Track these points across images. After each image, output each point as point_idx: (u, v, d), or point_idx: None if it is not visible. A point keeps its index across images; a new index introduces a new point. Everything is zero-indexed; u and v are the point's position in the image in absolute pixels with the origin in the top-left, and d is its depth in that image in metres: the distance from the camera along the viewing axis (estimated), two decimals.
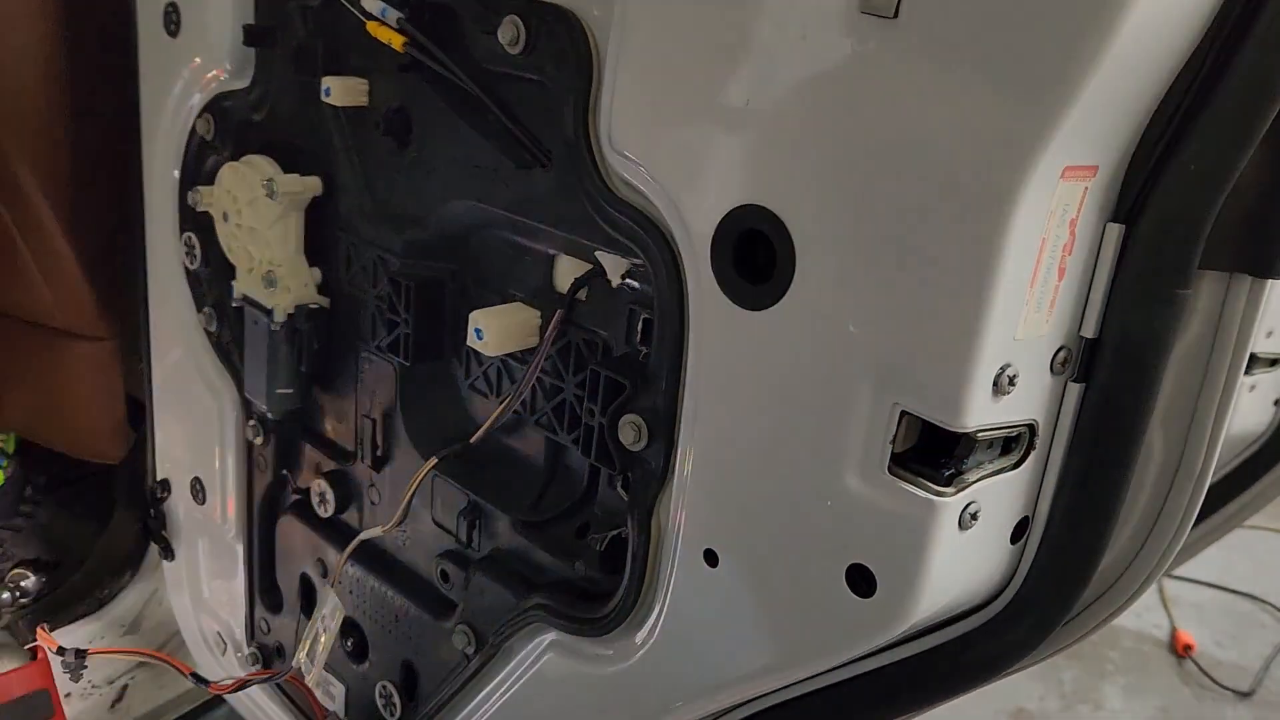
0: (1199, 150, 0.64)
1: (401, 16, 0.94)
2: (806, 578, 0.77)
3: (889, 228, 0.67)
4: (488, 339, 0.95)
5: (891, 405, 0.70)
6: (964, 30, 0.61)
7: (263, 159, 1.15)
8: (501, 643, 1.05)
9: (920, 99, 0.64)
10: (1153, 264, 0.68)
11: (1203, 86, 0.63)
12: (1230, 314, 0.72)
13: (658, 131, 0.79)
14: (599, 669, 0.97)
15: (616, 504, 0.97)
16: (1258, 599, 2.89)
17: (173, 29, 1.23)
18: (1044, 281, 0.66)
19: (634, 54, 0.79)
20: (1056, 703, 2.36)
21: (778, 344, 0.75)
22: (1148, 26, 0.58)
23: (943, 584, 0.73)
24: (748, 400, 0.78)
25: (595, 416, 0.91)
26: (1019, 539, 0.77)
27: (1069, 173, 0.63)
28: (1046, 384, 0.71)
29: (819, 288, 0.71)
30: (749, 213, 0.74)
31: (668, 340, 0.83)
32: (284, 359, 1.17)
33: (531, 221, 0.94)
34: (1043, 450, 0.74)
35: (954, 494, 0.70)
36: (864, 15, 0.65)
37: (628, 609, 0.91)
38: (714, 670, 0.87)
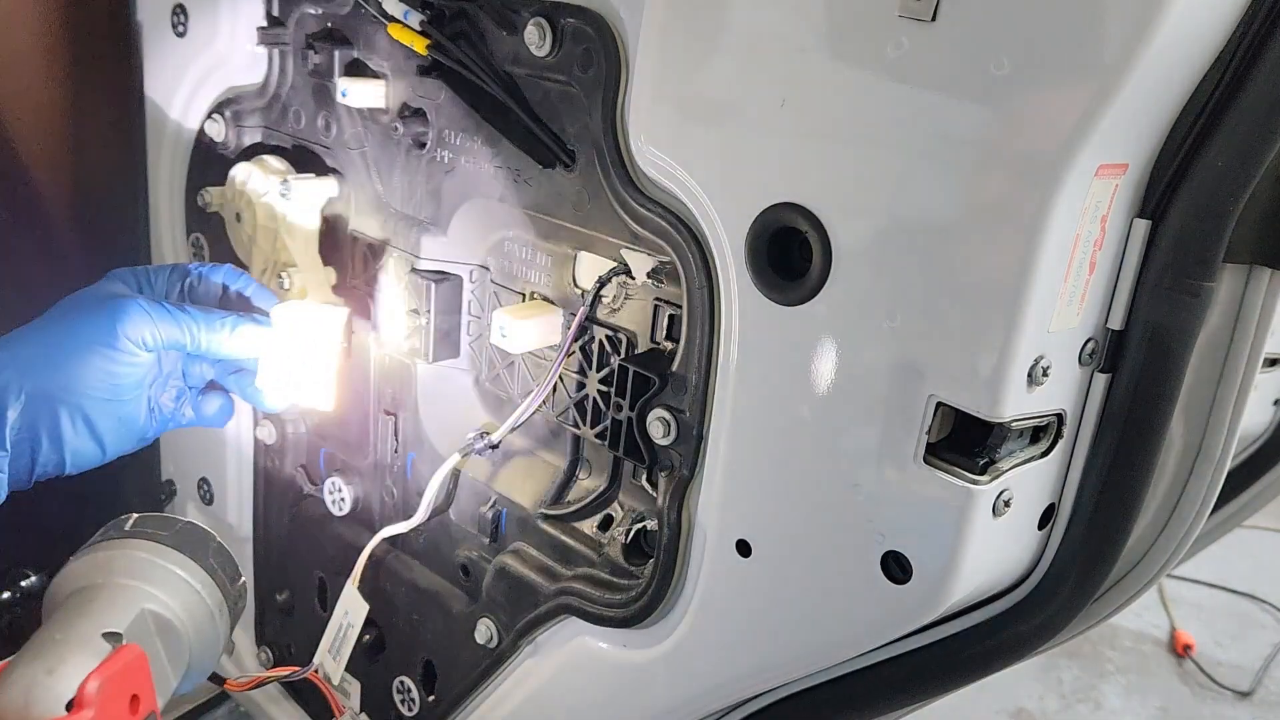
0: (1226, 146, 0.66)
1: (424, 19, 0.95)
2: (841, 566, 0.79)
3: (928, 226, 0.69)
4: (511, 337, 0.96)
5: (927, 396, 0.72)
6: (1003, 32, 0.63)
7: (276, 159, 1.16)
8: (525, 636, 1.06)
9: (959, 100, 0.66)
10: (1178, 258, 0.70)
11: (1231, 83, 0.65)
12: (1250, 306, 0.75)
13: (691, 131, 0.81)
14: (626, 661, 0.98)
15: (640, 496, 0.99)
16: (1257, 599, 2.92)
17: (180, 29, 1.23)
18: (1076, 276, 0.69)
19: (666, 54, 0.81)
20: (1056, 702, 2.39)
21: (813, 339, 0.77)
22: (1183, 25, 0.60)
23: (976, 569, 0.75)
24: (782, 393, 0.80)
25: (624, 411, 0.92)
26: (1045, 525, 0.80)
27: (1103, 170, 0.65)
28: (1075, 375, 0.74)
29: (856, 283, 0.74)
30: (785, 210, 0.76)
31: (697, 335, 0.85)
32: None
33: (554, 220, 0.96)
34: (1069, 439, 0.77)
35: (989, 482, 0.72)
36: (902, 18, 0.67)
37: (657, 601, 0.93)
38: (745, 659, 0.89)
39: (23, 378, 0.89)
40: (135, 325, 0.94)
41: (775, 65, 0.74)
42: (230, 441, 1.37)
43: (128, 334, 0.94)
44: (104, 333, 0.93)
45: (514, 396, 1.05)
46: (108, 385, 0.94)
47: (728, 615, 0.89)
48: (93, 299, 0.97)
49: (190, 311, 0.98)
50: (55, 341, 0.92)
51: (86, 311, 0.95)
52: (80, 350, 0.92)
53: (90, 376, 0.93)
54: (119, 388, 0.95)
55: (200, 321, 0.98)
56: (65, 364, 0.92)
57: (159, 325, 0.96)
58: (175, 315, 0.97)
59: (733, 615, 0.89)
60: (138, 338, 0.94)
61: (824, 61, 0.72)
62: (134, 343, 0.94)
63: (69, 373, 0.92)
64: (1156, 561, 0.84)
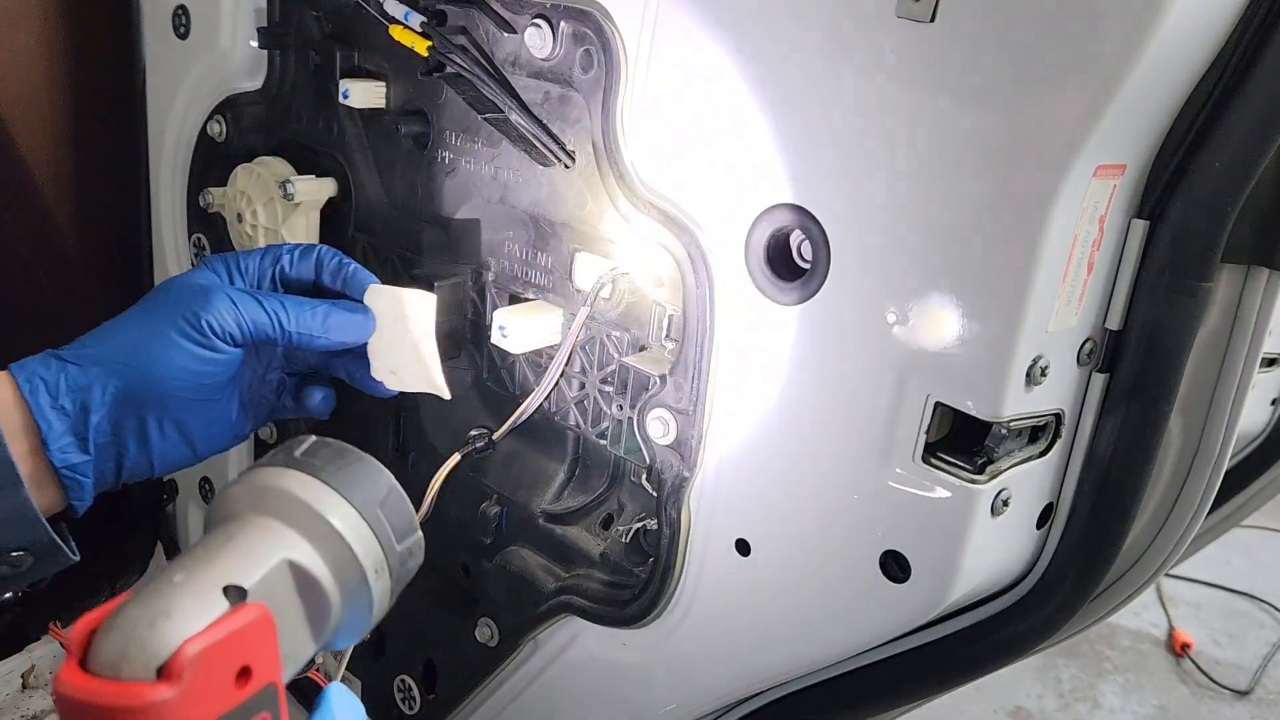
0: (1224, 147, 0.66)
1: (425, 21, 0.95)
2: (840, 565, 0.80)
3: (927, 227, 0.69)
4: (512, 337, 0.97)
5: (925, 396, 0.72)
6: (1001, 34, 0.64)
7: (277, 160, 1.16)
8: (525, 635, 1.06)
9: (958, 102, 0.66)
10: (1176, 258, 0.70)
11: (1229, 84, 0.66)
12: (1248, 306, 0.76)
13: (690, 132, 0.81)
14: (626, 660, 0.99)
15: (641, 495, 0.99)
16: (1255, 598, 2.91)
17: (182, 31, 1.24)
18: (1074, 276, 0.69)
19: (666, 55, 0.81)
20: (1054, 701, 2.38)
21: (811, 338, 0.77)
22: (1182, 26, 0.61)
23: (975, 568, 0.75)
24: (780, 393, 0.80)
25: (624, 411, 0.92)
26: (1044, 524, 0.80)
27: (1101, 171, 0.65)
28: (1073, 374, 0.74)
29: (854, 284, 0.74)
30: (783, 211, 0.76)
31: (696, 335, 0.85)
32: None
33: (554, 220, 0.96)
34: (1068, 438, 0.77)
35: (987, 481, 0.72)
36: (900, 19, 0.67)
37: (657, 600, 0.93)
38: (744, 658, 0.90)
39: (106, 378, 0.84)
40: (221, 319, 0.88)
41: (774, 66, 0.74)
42: None
43: (213, 329, 0.88)
44: (190, 329, 0.87)
45: (514, 396, 1.05)
46: (195, 385, 0.89)
47: (727, 615, 0.89)
48: (178, 291, 0.91)
49: (280, 300, 0.92)
50: (139, 339, 0.87)
51: (173, 306, 0.88)
52: (165, 348, 0.87)
53: (176, 376, 0.87)
54: (207, 386, 0.90)
55: (290, 311, 0.92)
56: (150, 364, 0.86)
57: (246, 317, 0.90)
58: (263, 305, 0.91)
59: (732, 615, 0.89)
60: (224, 332, 0.88)
61: (822, 62, 0.72)
62: (220, 338, 0.88)
63: (154, 373, 0.86)
64: (1154, 560, 0.84)
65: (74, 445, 0.83)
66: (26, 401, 0.82)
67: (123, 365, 0.86)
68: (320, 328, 0.93)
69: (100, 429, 0.85)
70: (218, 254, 0.99)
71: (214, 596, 0.62)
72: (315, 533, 0.69)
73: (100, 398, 0.84)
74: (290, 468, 0.72)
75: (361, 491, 0.73)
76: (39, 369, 0.84)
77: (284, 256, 0.98)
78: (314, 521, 0.70)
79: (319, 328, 0.93)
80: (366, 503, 0.73)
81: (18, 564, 0.80)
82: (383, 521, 0.73)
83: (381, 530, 0.73)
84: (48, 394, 0.83)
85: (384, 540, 0.73)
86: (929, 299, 0.70)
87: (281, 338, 0.92)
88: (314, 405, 1.03)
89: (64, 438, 0.83)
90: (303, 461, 0.72)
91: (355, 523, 0.71)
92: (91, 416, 0.84)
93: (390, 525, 0.74)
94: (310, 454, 0.73)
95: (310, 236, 1.15)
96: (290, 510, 0.70)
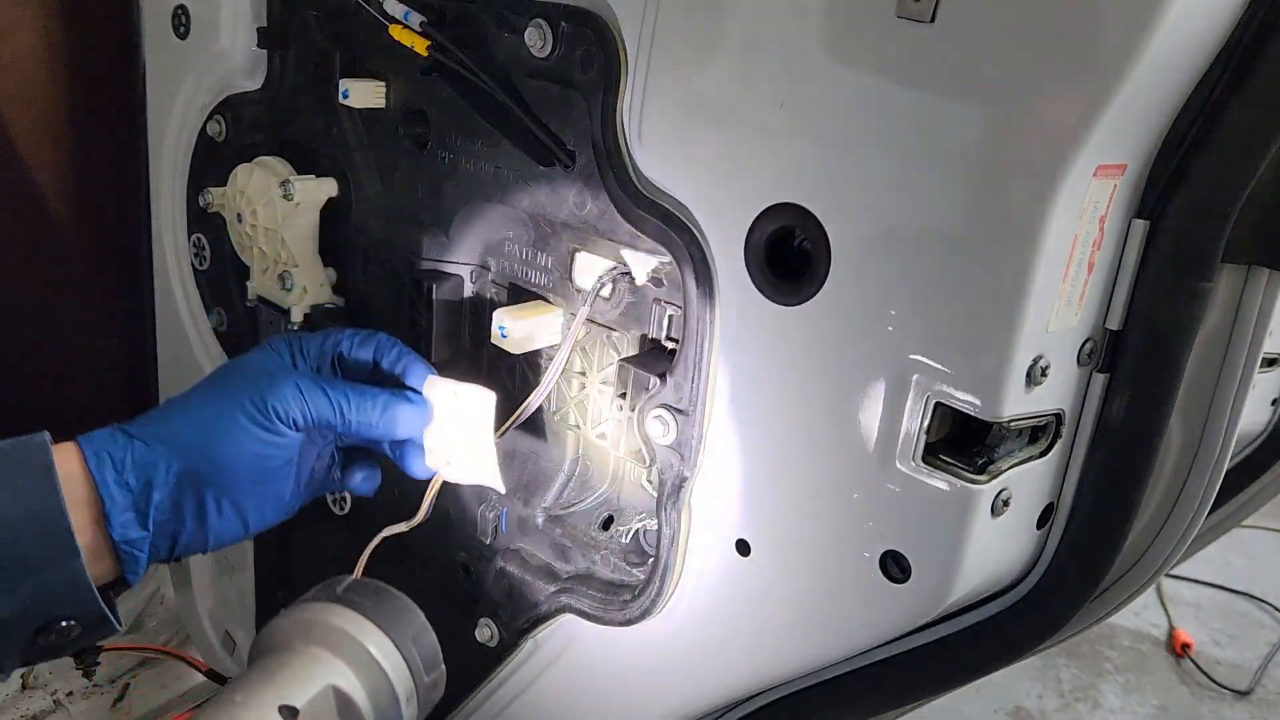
0: (1224, 147, 0.66)
1: (425, 21, 0.95)
2: (841, 565, 0.80)
3: (926, 226, 0.69)
4: (512, 337, 0.97)
5: (925, 396, 0.72)
6: (1001, 34, 0.64)
7: (277, 160, 1.17)
8: (525, 635, 1.06)
9: (958, 102, 0.66)
10: (1176, 258, 0.70)
11: (1229, 83, 0.65)
12: (1248, 306, 0.75)
13: (690, 132, 0.81)
14: (626, 660, 0.99)
15: (641, 495, 0.99)
16: (1255, 598, 2.92)
17: (182, 31, 1.24)
18: (1075, 276, 0.69)
19: (666, 55, 0.81)
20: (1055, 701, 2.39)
21: (811, 338, 0.77)
22: (1182, 26, 0.61)
23: (975, 568, 0.75)
24: (780, 393, 0.80)
25: (624, 411, 0.92)
26: (1044, 524, 0.80)
27: (1101, 171, 0.65)
28: (1074, 374, 0.74)
29: (855, 284, 0.74)
30: (784, 211, 0.76)
31: (696, 335, 0.85)
32: None
33: (554, 221, 0.96)
34: (1068, 438, 0.77)
35: (988, 481, 0.72)
36: (900, 19, 0.67)
37: (657, 600, 0.93)
38: (744, 658, 0.90)
39: (171, 458, 0.86)
40: (288, 405, 0.91)
41: (774, 66, 0.74)
42: None
43: (279, 415, 0.90)
44: (257, 413, 0.89)
45: (514, 396, 1.05)
46: (257, 466, 0.91)
47: (727, 615, 0.89)
48: (247, 373, 0.93)
49: (343, 389, 0.94)
50: (206, 420, 0.89)
51: (240, 389, 0.91)
52: (232, 431, 0.89)
53: (240, 459, 0.89)
54: (269, 470, 0.92)
55: (352, 400, 0.94)
56: (215, 446, 0.88)
57: (312, 404, 0.92)
58: (328, 393, 0.93)
59: (732, 615, 0.89)
60: (289, 418, 0.91)
61: (823, 63, 0.72)
62: (285, 424, 0.91)
63: (219, 455, 0.88)
64: (1155, 561, 0.84)
65: (134, 521, 0.85)
66: (93, 475, 0.83)
67: (188, 445, 0.87)
68: (379, 419, 0.95)
69: (161, 506, 0.86)
70: (280, 334, 1.02)
71: (270, 715, 0.72)
72: (357, 662, 0.79)
73: (164, 476, 0.86)
74: (336, 603, 0.81)
75: (397, 626, 0.82)
76: (107, 444, 0.85)
77: (344, 342, 1.01)
78: (356, 651, 0.79)
79: (378, 419, 0.95)
80: (401, 637, 0.82)
81: (66, 633, 0.81)
82: (414, 654, 0.83)
83: (414, 662, 0.82)
84: (114, 469, 0.84)
85: (415, 671, 0.82)
86: (929, 299, 0.70)
87: (342, 425, 0.95)
88: (355, 485, 1.04)
89: (125, 513, 0.84)
90: (345, 598, 0.82)
91: (391, 653, 0.80)
92: (154, 494, 0.85)
93: (421, 658, 0.83)
94: (352, 590, 0.83)
95: (310, 237, 1.15)
96: (336, 641, 0.79)
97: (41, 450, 0.81)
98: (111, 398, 1.53)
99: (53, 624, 0.80)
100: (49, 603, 0.79)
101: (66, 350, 1.49)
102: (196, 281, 1.35)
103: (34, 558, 0.78)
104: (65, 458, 0.83)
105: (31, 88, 1.34)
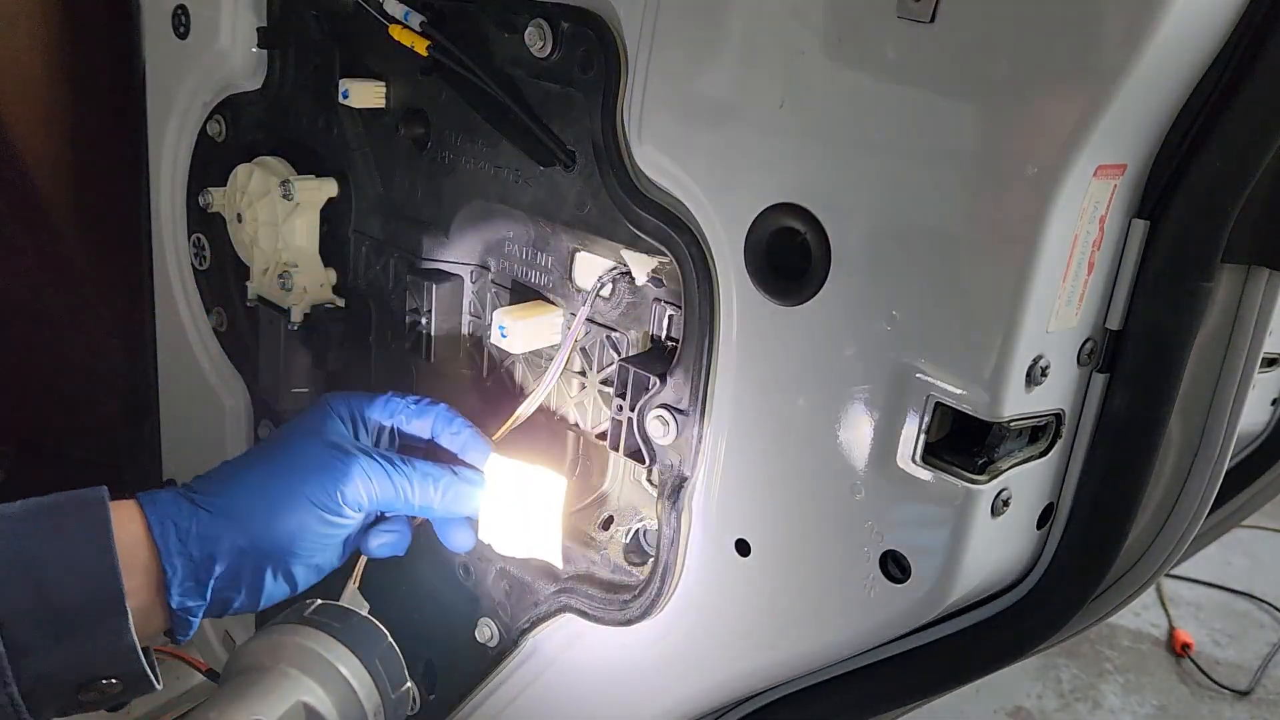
0: (1224, 147, 0.66)
1: (425, 20, 0.95)
2: (841, 565, 0.80)
3: (926, 226, 0.69)
4: (512, 337, 0.97)
5: (925, 396, 0.72)
6: (1002, 34, 0.64)
7: (277, 160, 1.17)
8: (525, 635, 1.06)
9: (958, 102, 0.66)
10: (1176, 258, 0.70)
11: (1229, 83, 0.65)
12: (1248, 306, 0.75)
13: (690, 132, 0.81)
14: (626, 660, 0.99)
15: (641, 496, 0.99)
16: (1255, 598, 2.92)
17: (182, 31, 1.24)
18: (1075, 276, 0.69)
19: (666, 55, 0.81)
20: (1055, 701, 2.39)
21: (812, 338, 0.77)
22: (1182, 26, 0.61)
23: (975, 569, 0.75)
24: (780, 393, 0.80)
25: (624, 411, 0.92)
26: (1044, 524, 0.80)
27: (1101, 171, 0.65)
28: (1073, 374, 0.74)
29: (855, 284, 0.74)
30: (784, 211, 0.76)
31: (696, 335, 0.85)
32: (300, 359, 1.18)
33: (554, 221, 0.96)
34: (1068, 438, 0.77)
35: (987, 482, 0.72)
36: (900, 19, 0.67)
37: (656, 600, 0.93)
38: (744, 659, 0.90)
39: (237, 533, 0.87)
40: (355, 491, 0.91)
41: (774, 66, 0.74)
42: (230, 441, 1.37)
43: (347, 500, 0.91)
44: (325, 498, 0.90)
45: (514, 396, 1.05)
46: (319, 545, 0.92)
47: (727, 615, 0.89)
48: (313, 452, 0.93)
49: (405, 470, 0.95)
50: (272, 500, 0.90)
51: (309, 471, 0.91)
52: (297, 513, 0.89)
53: (304, 539, 0.90)
54: (327, 546, 0.93)
55: (414, 483, 0.95)
56: (280, 525, 0.89)
57: (378, 488, 0.93)
58: (392, 476, 0.94)
59: (732, 615, 0.89)
60: (356, 502, 0.92)
61: (823, 63, 0.72)
62: (352, 508, 0.92)
63: (282, 533, 0.89)
64: (1155, 561, 0.84)
65: (194, 590, 0.85)
66: (155, 542, 0.83)
67: (254, 523, 0.88)
68: (439, 500, 0.96)
69: (221, 579, 0.86)
70: (340, 396, 1.01)
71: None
72: (325, 679, 0.81)
73: (227, 550, 0.86)
74: (305, 624, 0.83)
75: (364, 645, 0.85)
76: (171, 510, 0.86)
77: (401, 412, 1.01)
78: (325, 669, 0.81)
79: (438, 500, 0.96)
80: (367, 655, 0.84)
81: (106, 690, 0.81)
82: (381, 672, 0.85)
83: (380, 679, 0.85)
84: (177, 538, 0.84)
85: (382, 688, 0.85)
86: (929, 299, 0.70)
87: (404, 508, 0.96)
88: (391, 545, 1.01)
89: (185, 582, 0.84)
90: (314, 619, 0.84)
91: (357, 670, 0.83)
92: (216, 567, 0.86)
93: (387, 675, 0.86)
94: (318, 613, 0.85)
95: (310, 237, 1.15)
96: (305, 660, 0.81)
97: (99, 508, 0.81)
98: (111, 398, 1.53)
99: (94, 682, 0.80)
100: (93, 661, 0.79)
101: (66, 350, 1.49)
102: (196, 281, 1.34)
103: (82, 616, 0.78)
104: (126, 517, 0.84)
105: (31, 86, 1.34)
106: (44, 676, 0.77)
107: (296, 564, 0.91)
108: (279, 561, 0.89)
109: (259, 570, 0.88)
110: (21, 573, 0.77)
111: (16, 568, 0.77)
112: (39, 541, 0.78)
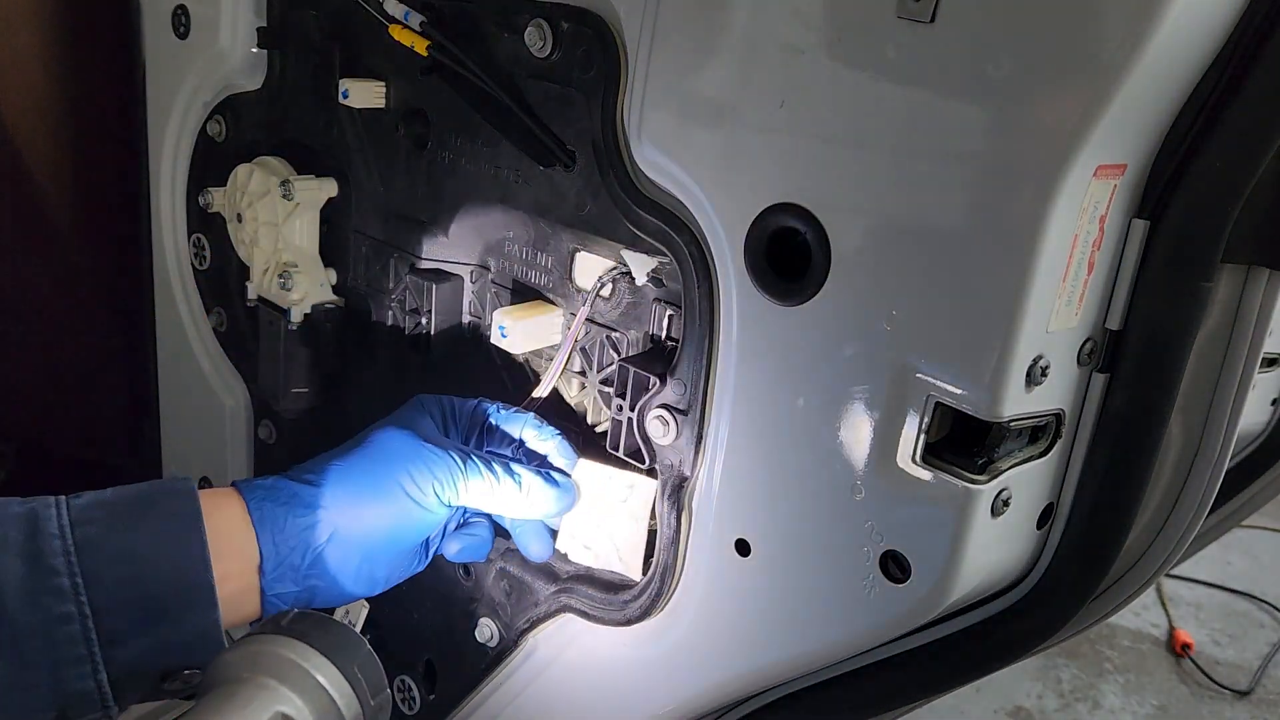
0: (1224, 147, 0.66)
1: (425, 20, 0.95)
2: (840, 566, 0.79)
3: (926, 226, 0.69)
4: (512, 337, 0.97)
5: (925, 396, 0.72)
6: (1002, 34, 0.64)
7: (276, 160, 1.17)
8: (525, 635, 1.06)
9: (958, 102, 0.66)
10: (1176, 258, 0.70)
11: (1229, 83, 0.65)
12: (1248, 306, 0.75)
13: (690, 132, 0.81)
14: (626, 660, 0.99)
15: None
16: (1256, 598, 2.92)
17: (182, 31, 1.24)
18: (1075, 276, 0.69)
19: (666, 55, 0.81)
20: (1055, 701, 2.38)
21: (811, 338, 0.77)
22: (1182, 26, 0.61)
23: (975, 569, 0.75)
24: (780, 393, 0.80)
25: (624, 411, 0.92)
26: (1044, 524, 0.80)
27: (1101, 171, 0.65)
28: (1073, 374, 0.74)
29: (855, 283, 0.74)
30: (783, 210, 0.76)
31: (696, 335, 0.85)
32: (300, 359, 1.18)
33: (554, 221, 0.96)
34: (1068, 438, 0.77)
35: (987, 481, 0.72)
36: (900, 19, 0.67)
37: (656, 600, 0.93)
38: (744, 659, 0.90)
39: (331, 522, 0.88)
40: (447, 486, 0.92)
41: (774, 66, 0.74)
42: (230, 441, 1.37)
43: (440, 495, 0.91)
44: (418, 490, 0.90)
45: (514, 396, 1.05)
46: (407, 537, 0.92)
47: (727, 615, 0.89)
48: (409, 444, 0.93)
49: (493, 468, 0.94)
50: (367, 492, 0.90)
51: (402, 461, 0.92)
52: (390, 505, 0.90)
53: (395, 530, 0.91)
54: (414, 540, 0.94)
55: (501, 481, 0.94)
56: (373, 517, 0.89)
57: (470, 486, 0.93)
58: (483, 476, 0.93)
59: (732, 615, 0.89)
60: (447, 498, 0.92)
61: (823, 63, 0.72)
62: (442, 501, 0.92)
63: (375, 526, 0.90)
64: (1155, 561, 0.84)
65: (287, 577, 0.86)
66: (255, 528, 0.84)
67: (348, 512, 0.88)
68: (525, 501, 0.95)
69: (313, 567, 0.87)
70: (433, 397, 1.01)
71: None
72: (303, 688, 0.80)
73: (321, 539, 0.87)
74: (282, 634, 0.82)
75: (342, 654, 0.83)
76: (269, 497, 0.87)
77: (491, 415, 1.01)
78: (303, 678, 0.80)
79: (524, 500, 0.95)
80: (345, 664, 0.83)
81: (189, 680, 0.81)
82: (360, 680, 0.84)
83: (359, 687, 0.84)
84: (275, 525, 0.85)
85: (361, 696, 0.84)
86: (929, 299, 0.70)
87: (489, 506, 0.95)
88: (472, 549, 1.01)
89: (279, 569, 0.85)
90: (290, 629, 0.83)
91: (337, 679, 0.82)
92: (309, 554, 0.87)
93: (366, 683, 0.84)
94: (296, 622, 0.84)
95: (310, 237, 1.15)
96: (283, 670, 0.80)
97: (188, 499, 0.82)
98: (111, 398, 1.53)
99: (178, 671, 0.81)
100: (179, 650, 0.80)
101: (67, 350, 1.49)
102: (196, 281, 1.35)
103: (172, 606, 0.79)
104: (224, 501, 0.85)
105: (31, 87, 1.34)
106: (132, 665, 0.78)
107: (381, 556, 0.91)
108: (367, 552, 0.90)
109: (348, 560, 0.89)
110: (118, 563, 0.77)
111: (114, 558, 0.77)
112: (133, 533, 0.79)
